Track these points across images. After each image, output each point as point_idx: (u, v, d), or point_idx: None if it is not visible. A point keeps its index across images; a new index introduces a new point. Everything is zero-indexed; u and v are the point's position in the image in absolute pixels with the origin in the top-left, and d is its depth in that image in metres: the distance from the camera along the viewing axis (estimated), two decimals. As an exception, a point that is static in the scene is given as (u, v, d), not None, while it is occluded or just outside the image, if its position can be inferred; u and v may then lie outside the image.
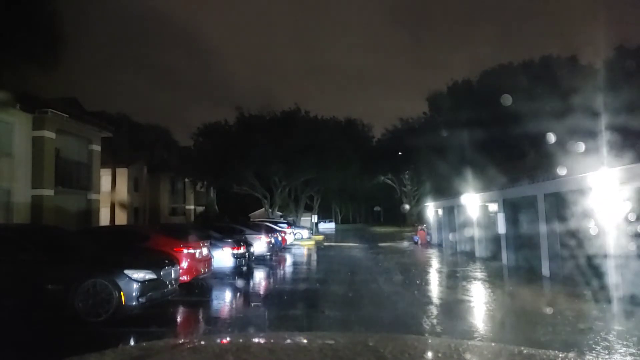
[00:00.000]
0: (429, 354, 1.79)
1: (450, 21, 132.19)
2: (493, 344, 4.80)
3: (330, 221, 63.47)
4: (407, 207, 51.70)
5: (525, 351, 1.73)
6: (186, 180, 41.74)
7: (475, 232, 18.97)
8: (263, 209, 42.64)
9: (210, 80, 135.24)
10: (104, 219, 26.44)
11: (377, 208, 71.19)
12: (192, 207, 44.17)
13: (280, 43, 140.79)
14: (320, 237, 37.20)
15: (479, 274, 13.89)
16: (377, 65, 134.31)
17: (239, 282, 12.89)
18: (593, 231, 10.02)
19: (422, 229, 29.13)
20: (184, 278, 10.09)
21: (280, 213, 42.24)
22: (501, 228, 15.33)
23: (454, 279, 13.25)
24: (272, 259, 19.11)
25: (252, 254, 15.61)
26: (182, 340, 2.35)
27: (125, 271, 7.56)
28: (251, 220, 34.33)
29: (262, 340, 2.07)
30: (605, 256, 9.51)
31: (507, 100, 22.16)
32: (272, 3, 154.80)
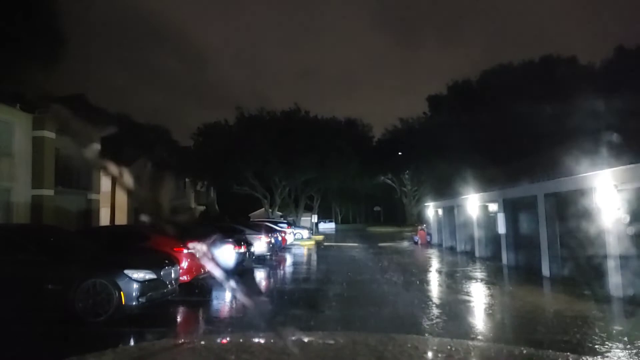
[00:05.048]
0: (429, 354, 1.79)
1: (449, 21, 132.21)
2: (493, 344, 4.80)
3: (330, 221, 63.42)
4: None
5: (525, 351, 1.73)
6: (186, 180, 41.76)
7: (475, 232, 18.97)
8: (263, 209, 42.66)
9: (209, 82, 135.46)
10: (104, 219, 26.43)
11: (377, 208, 71.16)
12: (192, 207, 44.20)
13: (276, 47, 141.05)
14: (320, 237, 37.18)
15: (479, 274, 13.89)
16: (376, 67, 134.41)
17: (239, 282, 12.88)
18: (593, 231, 10.02)
19: (422, 229, 29.12)
20: (184, 278, 10.10)
21: (280, 213, 42.25)
22: (501, 228, 15.32)
23: (454, 279, 13.24)
24: (272, 259, 19.11)
25: (252, 253, 15.62)
26: (182, 340, 2.35)
27: (125, 271, 7.56)
28: (251, 220, 34.33)
29: (262, 340, 2.07)
30: (605, 256, 9.51)
31: (507, 100, 22.17)
32: (266, 8, 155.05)
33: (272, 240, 19.76)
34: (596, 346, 6.02)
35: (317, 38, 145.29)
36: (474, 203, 18.78)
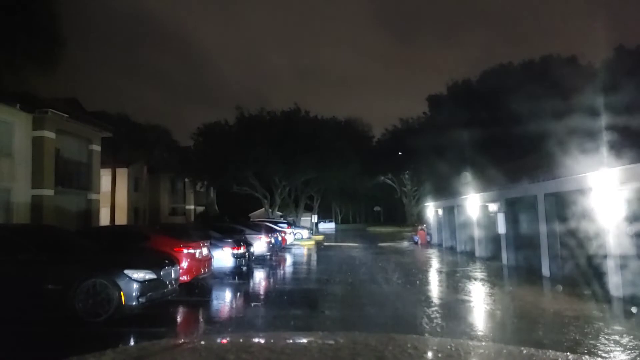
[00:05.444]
0: (429, 354, 1.79)
1: (450, 22, 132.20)
2: (493, 344, 4.80)
3: (330, 221, 63.46)
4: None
5: (525, 351, 1.73)
6: (186, 180, 41.73)
7: (475, 232, 18.96)
8: (263, 209, 42.64)
9: (208, 83, 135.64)
10: (104, 219, 26.43)
11: (377, 208, 71.18)
12: (192, 207, 44.18)
13: (276, 47, 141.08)
14: (320, 237, 37.19)
15: (479, 274, 13.89)
16: (376, 67, 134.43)
17: (239, 282, 12.90)
18: (593, 231, 10.01)
19: (422, 229, 29.13)
20: (184, 278, 10.09)
21: (280, 213, 42.23)
22: (501, 228, 15.32)
23: (454, 279, 13.24)
24: (272, 259, 19.11)
25: (252, 254, 15.61)
26: (182, 340, 2.35)
27: (125, 271, 7.56)
28: (251, 220, 34.32)
29: (262, 340, 2.07)
30: (605, 256, 9.51)
31: (507, 100, 22.15)
32: (267, 7, 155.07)
33: (272, 240, 19.76)
34: (596, 346, 6.02)
35: (317, 38, 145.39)
36: (474, 203, 18.78)
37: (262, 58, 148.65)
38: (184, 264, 10.28)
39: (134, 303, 7.46)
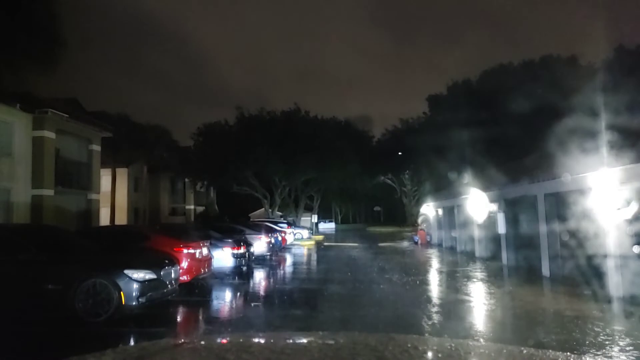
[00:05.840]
0: (429, 354, 1.79)
1: (450, 22, 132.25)
2: (493, 344, 4.80)
3: (330, 221, 63.46)
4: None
5: (525, 351, 1.73)
6: (186, 180, 41.73)
7: (475, 232, 18.96)
8: (263, 209, 42.64)
9: (208, 83, 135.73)
10: (104, 219, 26.44)
11: (377, 208, 71.14)
12: (192, 207, 44.18)
13: (276, 47, 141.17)
14: (320, 237, 37.19)
15: (479, 274, 13.89)
16: (376, 67, 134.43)
17: (239, 282, 12.90)
18: (593, 231, 10.01)
19: (422, 229, 29.13)
20: (184, 278, 10.09)
21: (280, 213, 42.23)
22: (501, 228, 15.32)
23: (454, 279, 13.24)
24: (272, 259, 19.10)
25: (252, 254, 15.61)
26: (182, 340, 2.35)
27: (125, 271, 7.56)
28: (251, 220, 34.32)
29: (262, 340, 2.08)
30: (605, 256, 9.50)
31: (507, 100, 22.15)
32: (267, 8, 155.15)
33: (272, 240, 19.75)
34: (596, 346, 6.02)
35: (317, 38, 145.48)
36: (474, 203, 18.76)
37: (262, 58, 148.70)
38: (184, 264, 10.29)
39: (134, 303, 7.46)
